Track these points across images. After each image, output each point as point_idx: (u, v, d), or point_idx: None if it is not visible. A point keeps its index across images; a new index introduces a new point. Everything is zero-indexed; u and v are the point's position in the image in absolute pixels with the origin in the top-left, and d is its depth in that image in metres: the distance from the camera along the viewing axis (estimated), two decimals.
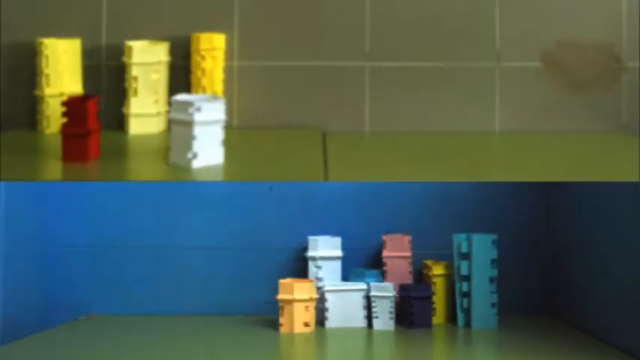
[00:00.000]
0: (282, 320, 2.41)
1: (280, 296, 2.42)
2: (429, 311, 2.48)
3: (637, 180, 2.07)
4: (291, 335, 2.37)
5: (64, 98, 2.25)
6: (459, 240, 2.49)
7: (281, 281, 2.45)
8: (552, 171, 2.13)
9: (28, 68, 2.50)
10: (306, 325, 2.41)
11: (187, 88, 2.49)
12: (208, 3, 2.55)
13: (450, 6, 2.56)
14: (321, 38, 2.57)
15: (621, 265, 2.13)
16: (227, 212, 2.77)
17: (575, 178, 2.09)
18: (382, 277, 2.60)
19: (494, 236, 2.49)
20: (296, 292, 2.40)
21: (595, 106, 2.56)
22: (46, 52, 2.42)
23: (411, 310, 2.46)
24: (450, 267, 2.57)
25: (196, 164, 2.13)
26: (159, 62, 2.44)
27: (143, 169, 2.16)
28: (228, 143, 2.20)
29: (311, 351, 2.24)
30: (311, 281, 2.48)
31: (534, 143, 2.30)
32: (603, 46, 2.57)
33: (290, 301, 2.40)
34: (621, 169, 2.19)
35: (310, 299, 2.42)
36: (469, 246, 2.47)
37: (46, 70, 2.43)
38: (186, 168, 2.12)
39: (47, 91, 2.44)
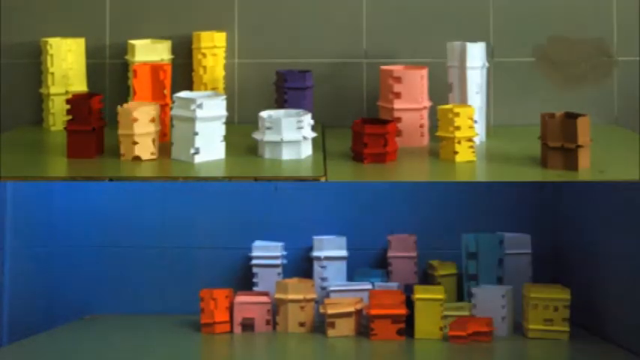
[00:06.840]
0: (277, 319, 2.41)
1: (276, 295, 2.41)
2: None
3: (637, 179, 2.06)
4: (285, 334, 2.36)
5: (69, 96, 2.29)
6: (467, 240, 2.48)
7: (277, 281, 2.45)
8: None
9: (33, 67, 2.55)
10: (302, 325, 2.40)
11: (189, 86, 2.52)
12: (209, 2, 2.59)
13: (444, 3, 2.61)
14: (319, 36, 2.61)
15: (625, 264, 2.11)
16: (232, 212, 2.74)
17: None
18: (387, 277, 2.58)
19: (501, 236, 2.48)
20: (290, 292, 2.39)
21: (587, 99, 2.58)
22: (51, 51, 2.47)
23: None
24: (457, 267, 2.55)
25: (198, 159, 2.16)
26: (161, 60, 2.47)
27: (146, 165, 2.18)
28: (229, 139, 2.22)
29: (300, 350, 2.23)
30: (311, 281, 2.46)
31: (528, 136, 2.34)
32: (594, 41, 2.61)
33: (284, 301, 2.39)
34: (620, 163, 2.19)
35: (305, 300, 2.40)
36: (476, 246, 2.47)
37: (51, 69, 2.48)
38: (189, 163, 2.15)
39: (52, 90, 2.49)
